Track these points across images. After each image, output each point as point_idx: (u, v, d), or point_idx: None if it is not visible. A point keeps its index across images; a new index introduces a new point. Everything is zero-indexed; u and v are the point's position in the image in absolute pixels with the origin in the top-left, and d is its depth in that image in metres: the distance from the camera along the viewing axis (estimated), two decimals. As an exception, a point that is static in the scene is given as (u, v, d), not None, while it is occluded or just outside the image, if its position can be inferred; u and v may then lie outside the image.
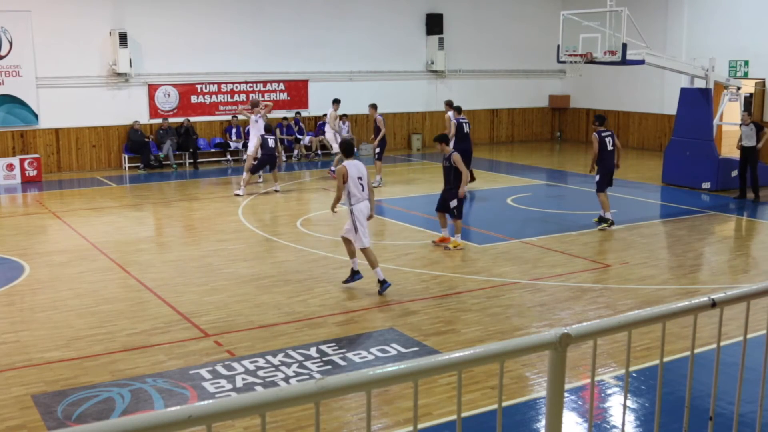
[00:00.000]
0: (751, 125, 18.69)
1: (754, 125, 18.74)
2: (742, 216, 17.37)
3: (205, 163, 24.86)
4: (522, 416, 7.29)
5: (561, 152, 28.90)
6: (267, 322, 9.99)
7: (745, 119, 18.86)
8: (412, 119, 29.19)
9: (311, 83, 26.75)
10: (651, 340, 8.83)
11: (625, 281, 11.89)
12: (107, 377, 8.19)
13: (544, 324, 9.90)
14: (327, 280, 11.83)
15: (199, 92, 25.02)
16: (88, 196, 19.56)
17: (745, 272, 12.59)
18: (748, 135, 18.65)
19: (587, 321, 3.60)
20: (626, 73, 26.71)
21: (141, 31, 23.69)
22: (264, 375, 8.19)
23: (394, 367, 2.69)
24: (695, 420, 4.55)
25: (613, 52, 18.84)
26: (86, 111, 23.41)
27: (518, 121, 31.64)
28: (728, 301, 3.75)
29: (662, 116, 27.64)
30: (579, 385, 7.97)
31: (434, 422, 7.01)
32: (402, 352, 8.88)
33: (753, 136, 18.58)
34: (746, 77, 24.63)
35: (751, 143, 18.61)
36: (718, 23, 25.65)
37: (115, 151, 24.07)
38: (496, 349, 2.98)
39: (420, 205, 17.96)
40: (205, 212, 17.45)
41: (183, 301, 10.85)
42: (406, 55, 28.67)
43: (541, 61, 30.46)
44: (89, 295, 11.15)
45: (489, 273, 12.35)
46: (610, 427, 7.07)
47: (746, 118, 18.85)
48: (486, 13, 30.02)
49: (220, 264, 12.88)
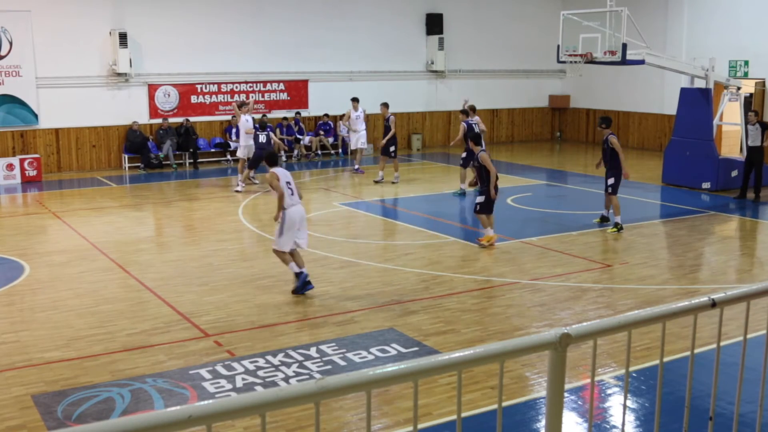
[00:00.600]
0: (756, 125, 18.56)
1: (759, 125, 18.59)
2: (742, 216, 17.37)
3: (205, 163, 24.86)
4: (522, 416, 7.29)
5: (561, 152, 28.89)
6: (267, 322, 9.99)
7: (751, 119, 18.73)
8: (412, 119, 29.19)
9: (311, 83, 26.75)
10: (651, 340, 8.83)
11: (626, 281, 11.89)
12: (107, 377, 8.19)
13: (544, 324, 9.90)
14: (327, 280, 11.83)
15: (199, 92, 25.02)
16: (88, 196, 19.56)
17: (745, 272, 12.59)
18: (754, 134, 18.58)
19: (587, 321, 3.60)
20: (626, 73, 26.71)
21: (141, 31, 23.69)
22: (264, 375, 8.19)
23: (394, 367, 2.69)
24: (695, 420, 4.55)
25: (613, 52, 18.83)
26: (86, 111, 23.41)
27: (518, 121, 31.63)
28: (728, 301, 3.75)
29: (662, 116, 27.64)
30: (579, 385, 7.97)
31: (434, 422, 7.01)
32: (402, 352, 8.88)
33: (759, 135, 18.48)
34: (746, 77, 24.62)
35: (757, 143, 18.52)
36: (718, 23, 25.65)
37: (115, 151, 24.07)
38: (496, 349, 2.98)
39: (420, 205, 17.96)
40: (205, 212, 17.45)
41: (183, 301, 10.85)
42: (406, 55, 28.67)
43: (541, 61, 30.45)
44: (89, 295, 11.15)
45: (489, 273, 12.35)
46: (610, 427, 7.07)
47: (752, 118, 18.71)
48: (486, 13, 30.02)
49: (220, 264, 12.88)
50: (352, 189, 20.59)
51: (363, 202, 18.30)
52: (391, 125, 21.03)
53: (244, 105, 20.91)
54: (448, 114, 29.79)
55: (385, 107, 21.54)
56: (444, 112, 29.79)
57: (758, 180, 18.59)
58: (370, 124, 26.03)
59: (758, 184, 18.61)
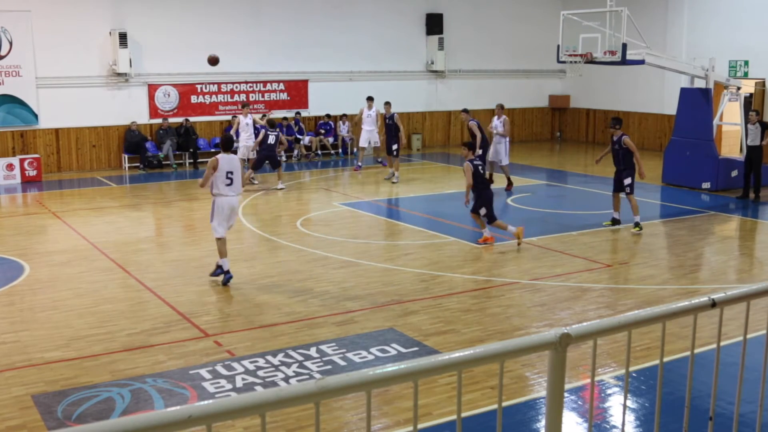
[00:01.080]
0: (757, 124, 18.50)
1: (759, 124, 18.53)
2: (742, 216, 17.38)
3: (205, 163, 24.83)
4: (522, 416, 7.29)
5: (561, 152, 28.90)
6: (267, 322, 9.99)
7: (751, 118, 18.66)
8: (413, 119, 29.18)
9: (311, 83, 26.75)
10: (651, 340, 8.83)
11: (626, 281, 11.89)
12: (107, 377, 8.19)
13: (544, 324, 9.90)
14: (327, 280, 11.83)
15: (199, 92, 25.03)
16: (88, 196, 19.56)
17: (745, 272, 12.59)
18: (754, 134, 18.54)
19: (587, 321, 3.60)
20: (626, 73, 26.71)
21: (141, 31, 23.69)
22: (264, 375, 8.19)
23: (393, 367, 2.69)
24: (695, 420, 4.55)
25: (613, 52, 18.83)
26: (86, 111, 23.41)
27: (518, 121, 31.62)
28: (728, 301, 3.75)
29: (662, 116, 27.64)
30: (579, 385, 7.97)
31: (434, 422, 7.01)
32: (402, 352, 8.88)
33: (758, 135, 18.45)
34: (746, 77, 24.63)
35: (756, 142, 18.49)
36: (718, 23, 25.66)
37: (114, 151, 24.08)
38: (496, 349, 2.98)
39: (420, 205, 17.97)
40: (205, 212, 17.37)
41: (183, 301, 10.85)
42: (406, 55, 28.67)
43: (541, 61, 30.45)
44: (89, 295, 11.15)
45: (489, 273, 12.35)
46: (610, 427, 7.07)
47: (753, 117, 18.63)
48: (486, 13, 30.02)
49: (220, 264, 12.86)
50: (352, 189, 20.59)
51: (363, 202, 18.30)
52: (398, 123, 21.25)
53: (246, 106, 21.12)
54: (448, 114, 29.80)
55: (388, 106, 21.67)
56: (444, 112, 29.79)
57: (757, 180, 18.59)
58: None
59: (757, 183, 18.61)
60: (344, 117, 26.94)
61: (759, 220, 16.92)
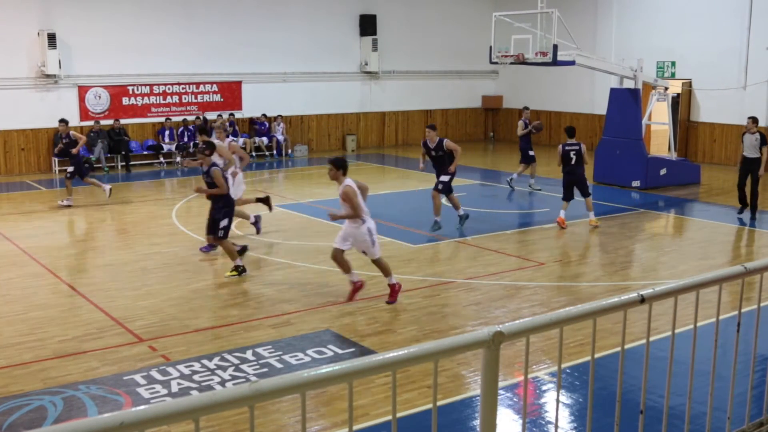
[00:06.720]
0: (756, 134, 16.29)
1: (760, 135, 16.31)
2: (672, 214, 17.77)
3: (137, 165, 24.52)
4: (458, 414, 7.34)
5: (494, 152, 29.19)
6: (202, 325, 9.90)
7: (750, 127, 16.41)
8: (347, 120, 29.21)
9: (245, 84, 26.57)
10: (584, 336, 8.97)
11: (559, 279, 12.06)
12: (38, 385, 8.02)
13: (479, 322, 9.99)
14: (262, 283, 11.77)
15: (130, 94, 24.68)
16: (17, 201, 19.15)
17: (674, 268, 12.87)
18: (752, 145, 16.37)
19: (521, 319, 3.65)
20: (557, 73, 27.08)
21: (70, 31, 23.26)
22: (200, 379, 8.12)
23: (328, 368, 2.70)
24: (627, 414, 4.64)
25: (544, 53, 19.08)
26: (14, 113, 22.91)
27: (452, 122, 31.86)
28: (656, 297, 3.84)
29: (593, 116, 28.12)
30: (514, 382, 8.07)
31: (371, 423, 7.03)
32: (339, 353, 8.88)
33: (757, 146, 16.28)
34: (673, 78, 25.22)
35: (754, 154, 16.36)
36: (645, 25, 26.22)
37: (44, 155, 23.61)
38: (430, 349, 3.01)
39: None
40: (138, 216, 17.21)
41: (116, 306, 10.68)
42: (340, 56, 28.68)
43: (474, 62, 30.71)
44: (19, 302, 10.91)
45: (424, 273, 12.42)
46: (545, 422, 7.17)
47: (751, 126, 16.38)
48: (419, 14, 30.19)
49: (153, 268, 12.71)
50: (287, 191, 20.50)
51: (299, 204, 18.23)
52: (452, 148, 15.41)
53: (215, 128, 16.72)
54: (382, 115, 29.89)
55: (432, 130, 15.67)
56: (378, 113, 29.86)
57: (754, 196, 16.56)
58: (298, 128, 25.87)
59: (754, 200, 16.58)
60: (279, 118, 26.83)
61: (687, 217, 17.33)
